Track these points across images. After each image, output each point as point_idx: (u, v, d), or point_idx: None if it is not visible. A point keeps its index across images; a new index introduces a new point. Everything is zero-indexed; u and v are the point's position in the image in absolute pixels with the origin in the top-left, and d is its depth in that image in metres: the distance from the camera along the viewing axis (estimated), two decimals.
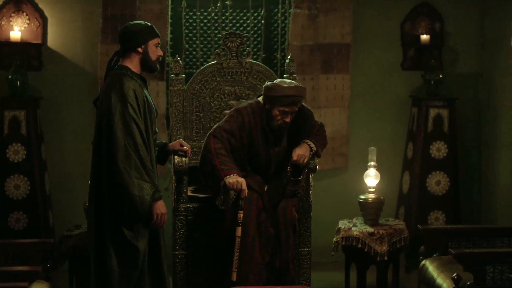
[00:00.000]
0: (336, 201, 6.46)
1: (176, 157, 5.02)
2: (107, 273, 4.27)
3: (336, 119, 6.56)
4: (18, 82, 6.11)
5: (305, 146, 5.00)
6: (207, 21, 6.53)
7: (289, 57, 5.58)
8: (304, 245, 5.19)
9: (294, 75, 5.44)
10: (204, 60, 6.47)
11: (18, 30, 6.22)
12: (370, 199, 5.59)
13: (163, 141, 4.91)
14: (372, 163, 5.64)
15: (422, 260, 5.10)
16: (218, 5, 6.47)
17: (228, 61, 5.51)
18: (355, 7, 6.54)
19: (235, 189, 4.74)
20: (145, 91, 4.41)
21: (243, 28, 6.57)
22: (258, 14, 6.56)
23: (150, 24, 4.48)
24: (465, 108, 6.65)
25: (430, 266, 4.93)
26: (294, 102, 4.89)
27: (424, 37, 6.55)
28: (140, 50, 4.40)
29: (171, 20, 6.45)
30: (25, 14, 6.29)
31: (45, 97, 6.31)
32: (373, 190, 5.62)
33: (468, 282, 4.43)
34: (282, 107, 4.89)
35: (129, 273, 4.29)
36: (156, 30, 4.47)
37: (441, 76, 6.44)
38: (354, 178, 6.13)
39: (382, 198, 5.62)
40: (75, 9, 6.38)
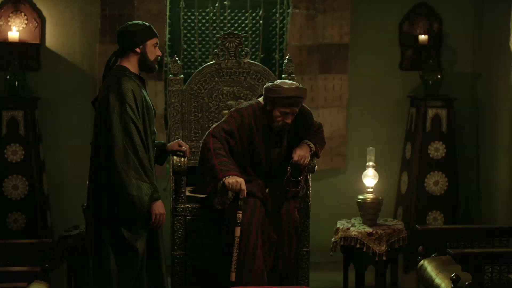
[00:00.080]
0: (334, 201, 6.45)
1: (174, 157, 5.01)
2: (106, 273, 4.27)
3: (334, 119, 6.56)
4: (16, 83, 6.11)
5: (305, 146, 4.96)
6: (206, 21, 6.53)
7: (287, 57, 5.56)
8: (302, 245, 5.17)
9: (292, 75, 5.42)
10: (202, 60, 6.47)
11: (16, 30, 6.21)
12: (368, 199, 5.59)
13: (162, 141, 4.91)
14: (370, 163, 5.64)
15: (421, 260, 5.10)
16: (217, 5, 6.47)
17: (226, 61, 5.50)
18: (353, 8, 6.54)
19: (235, 189, 4.72)
20: (143, 91, 4.40)
21: (242, 28, 6.56)
22: (256, 15, 6.56)
23: (148, 24, 4.48)
24: (463, 108, 6.66)
25: (428, 266, 4.93)
26: (295, 103, 4.85)
27: (422, 37, 6.55)
28: (138, 50, 4.40)
29: (169, 20, 6.44)
30: (23, 14, 6.28)
31: (43, 97, 6.30)
32: (371, 190, 5.62)
33: (466, 282, 4.43)
34: (283, 108, 4.84)
35: (127, 273, 4.29)
36: (154, 30, 4.47)
37: (439, 76, 6.44)
38: (352, 178, 6.13)
39: (380, 198, 5.62)
40: (74, 9, 6.38)
